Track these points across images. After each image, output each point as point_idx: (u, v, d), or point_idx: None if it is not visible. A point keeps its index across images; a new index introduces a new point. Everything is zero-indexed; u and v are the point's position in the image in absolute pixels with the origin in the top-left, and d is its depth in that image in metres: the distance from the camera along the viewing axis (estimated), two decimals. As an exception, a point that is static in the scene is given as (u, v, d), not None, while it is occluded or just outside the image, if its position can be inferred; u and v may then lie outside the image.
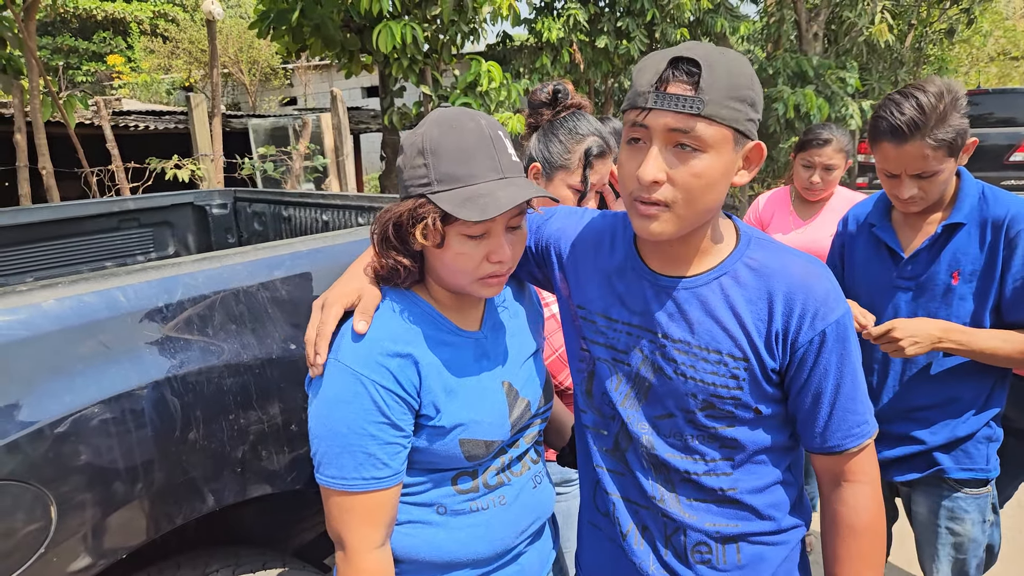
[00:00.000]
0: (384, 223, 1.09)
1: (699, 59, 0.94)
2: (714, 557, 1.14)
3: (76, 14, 16.94)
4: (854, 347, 1.06)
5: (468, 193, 1.03)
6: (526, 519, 1.22)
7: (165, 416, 1.20)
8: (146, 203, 2.94)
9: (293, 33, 6.06)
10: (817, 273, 1.06)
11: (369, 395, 1.04)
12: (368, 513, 1.07)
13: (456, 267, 1.08)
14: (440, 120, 1.08)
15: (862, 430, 1.08)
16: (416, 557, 1.14)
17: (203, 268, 1.33)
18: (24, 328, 1.10)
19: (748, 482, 1.12)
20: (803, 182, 2.67)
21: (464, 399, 1.12)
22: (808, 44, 11.08)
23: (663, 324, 1.10)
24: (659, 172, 0.96)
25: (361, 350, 1.06)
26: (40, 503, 1.06)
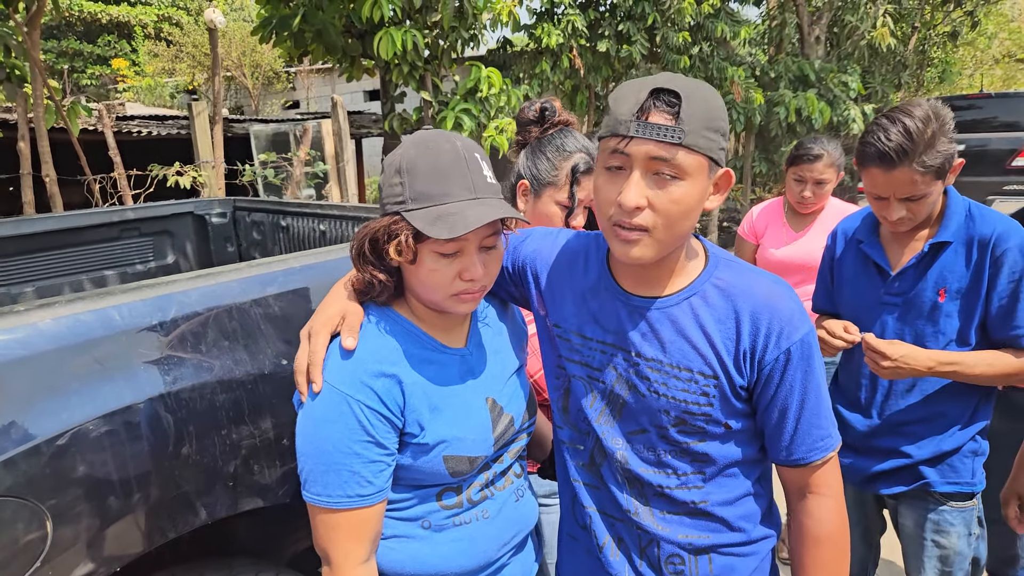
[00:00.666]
0: (361, 239, 1.13)
1: (679, 90, 0.99)
2: (687, 568, 1.18)
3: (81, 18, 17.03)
4: (818, 364, 1.10)
5: (439, 212, 1.07)
6: (508, 532, 1.25)
7: (158, 432, 1.23)
8: (147, 212, 2.98)
9: (295, 38, 6.10)
10: (781, 293, 1.10)
11: (354, 415, 1.07)
12: (353, 529, 1.09)
13: (429, 283, 1.11)
14: (418, 141, 1.13)
15: (825, 444, 1.13)
16: (400, 571, 1.17)
17: (197, 286, 1.36)
18: (22, 347, 1.13)
19: (719, 495, 1.16)
20: (795, 196, 2.69)
21: (448, 416, 1.15)
22: (810, 48, 11.09)
23: (636, 343, 1.14)
24: (641, 198, 1.00)
25: (346, 370, 1.09)
26: (36, 518, 1.09)
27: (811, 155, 2.58)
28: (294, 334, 1.46)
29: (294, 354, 1.44)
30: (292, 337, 1.46)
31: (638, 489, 1.18)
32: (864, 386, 1.81)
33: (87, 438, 1.15)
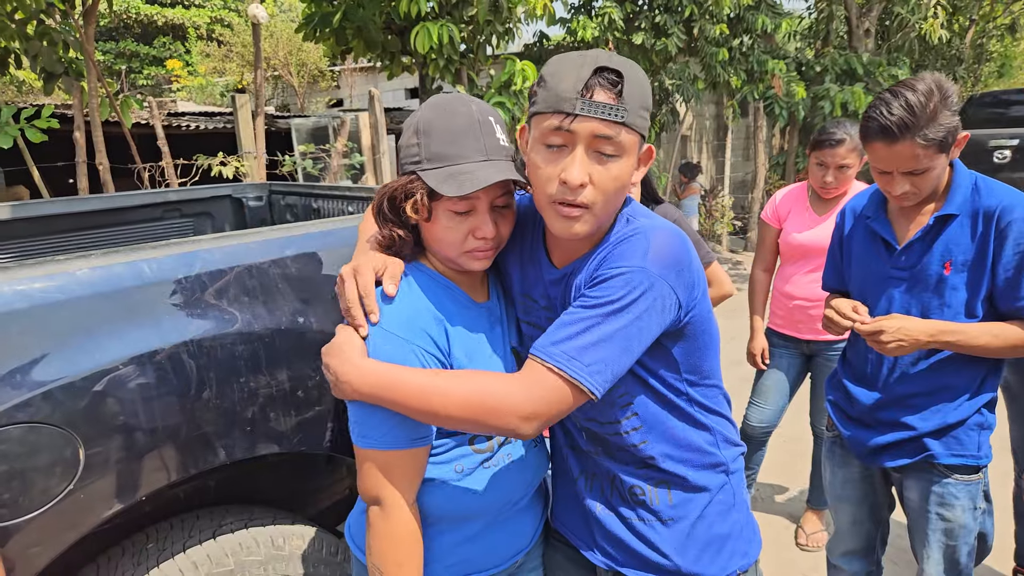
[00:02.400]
0: (381, 197, 1.20)
1: (621, 70, 1.03)
2: (647, 498, 1.25)
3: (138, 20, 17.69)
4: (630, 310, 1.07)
5: (452, 171, 1.13)
6: (531, 471, 1.33)
7: (182, 375, 1.34)
8: (188, 195, 3.14)
9: (336, 35, 6.26)
10: (636, 237, 1.11)
11: (418, 359, 1.13)
12: (408, 470, 1.16)
13: (444, 240, 1.18)
14: (435, 104, 1.19)
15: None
16: (434, 511, 1.24)
17: (220, 245, 1.47)
18: (60, 292, 1.24)
19: (657, 435, 1.23)
20: (817, 181, 2.68)
21: (481, 364, 1.23)
22: (859, 41, 10.85)
23: (561, 306, 1.21)
24: (585, 176, 1.04)
25: (403, 319, 1.15)
26: (70, 445, 1.21)
27: (833, 140, 2.57)
28: (310, 294, 1.56)
29: (309, 312, 1.56)
30: (308, 296, 1.56)
31: (591, 435, 1.28)
32: (871, 360, 1.82)
33: (117, 377, 1.26)
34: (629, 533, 1.27)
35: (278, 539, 1.56)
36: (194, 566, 1.44)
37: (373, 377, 1.07)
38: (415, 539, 1.17)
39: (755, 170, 10.62)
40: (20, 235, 2.70)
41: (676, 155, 11.11)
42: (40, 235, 2.77)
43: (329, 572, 1.62)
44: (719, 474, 1.28)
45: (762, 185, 10.45)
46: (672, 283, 1.08)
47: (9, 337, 1.18)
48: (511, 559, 1.33)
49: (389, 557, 1.15)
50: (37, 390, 1.18)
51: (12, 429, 1.16)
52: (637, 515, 1.26)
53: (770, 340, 2.98)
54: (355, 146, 6.21)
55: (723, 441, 1.29)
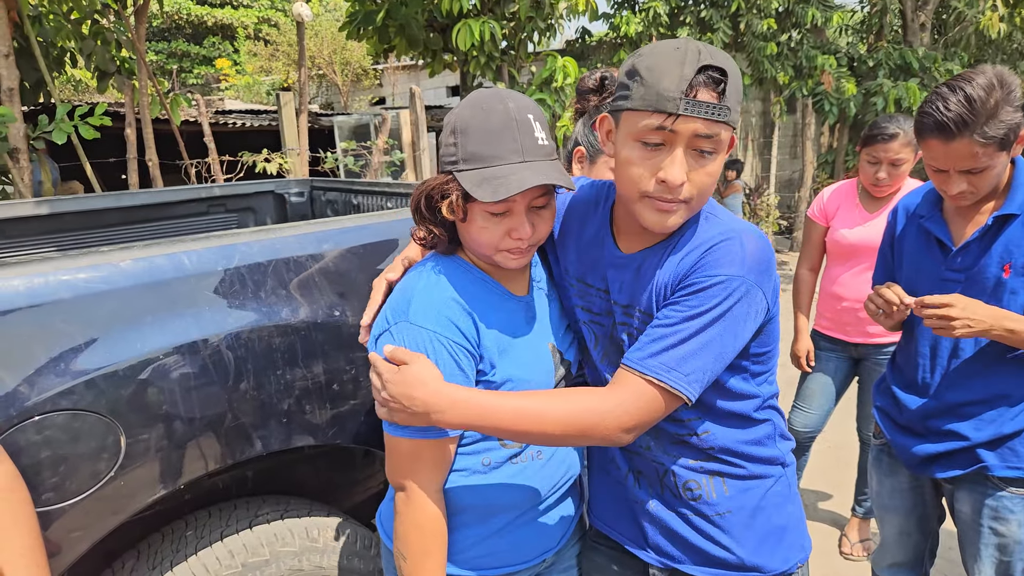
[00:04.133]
0: (418, 195, 1.19)
1: (724, 67, 1.01)
2: (704, 492, 1.23)
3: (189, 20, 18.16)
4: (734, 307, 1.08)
5: (487, 174, 1.11)
6: (558, 473, 1.31)
7: (220, 367, 1.36)
8: (232, 190, 3.19)
9: (379, 33, 6.32)
10: (731, 239, 1.11)
11: (447, 351, 1.12)
12: (437, 459, 1.17)
13: (479, 239, 1.16)
14: (473, 102, 1.17)
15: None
16: (462, 503, 1.24)
17: (259, 238, 1.48)
18: (104, 283, 1.27)
19: (720, 427, 1.21)
20: (869, 178, 2.58)
21: (515, 358, 1.21)
22: (914, 35, 10.51)
23: (619, 291, 1.20)
24: (684, 175, 1.04)
25: (431, 310, 1.14)
26: (112, 432, 1.23)
27: (886, 135, 2.46)
28: (347, 287, 1.57)
29: (346, 306, 1.56)
30: (345, 290, 1.56)
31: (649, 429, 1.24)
32: (922, 366, 1.75)
33: (157, 366, 1.28)
34: (687, 527, 1.25)
35: (313, 531, 1.57)
36: (230, 554, 1.46)
37: (465, 407, 1.06)
38: (439, 527, 1.17)
39: (803, 168, 10.39)
40: (72, 228, 2.79)
41: (720, 153, 10.91)
42: (91, 228, 2.86)
43: (363, 565, 1.63)
44: (775, 466, 1.26)
45: (809, 184, 10.21)
46: (764, 288, 1.10)
47: (54, 326, 1.21)
48: (539, 556, 1.32)
49: (413, 544, 1.16)
50: (80, 378, 1.21)
51: (56, 416, 1.18)
52: (693, 510, 1.24)
53: (816, 343, 2.89)
54: (396, 143, 6.26)
55: (779, 435, 1.28)
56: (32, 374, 1.17)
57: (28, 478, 1.10)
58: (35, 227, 2.69)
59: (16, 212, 2.63)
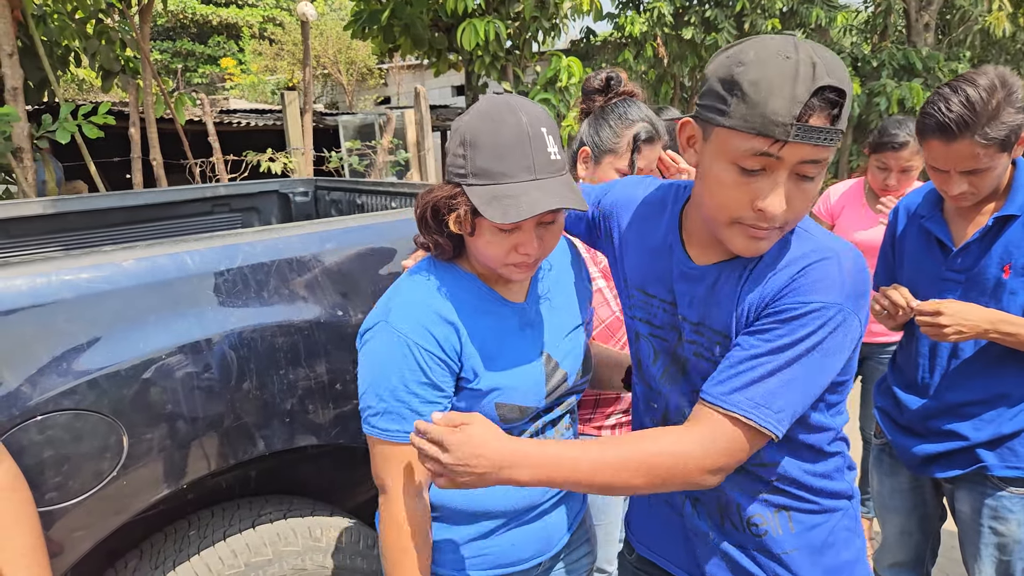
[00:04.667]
0: (424, 205, 1.16)
1: (842, 86, 0.89)
2: (770, 528, 1.14)
3: (194, 20, 18.19)
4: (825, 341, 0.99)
5: (497, 192, 1.07)
6: None
7: (223, 366, 1.36)
8: (236, 190, 3.20)
9: (384, 33, 6.33)
10: (828, 260, 1.01)
11: (414, 357, 1.12)
12: (407, 463, 1.16)
13: (486, 253, 1.14)
14: (483, 112, 1.12)
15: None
16: (451, 505, 1.24)
17: (262, 238, 1.48)
18: (106, 283, 1.27)
19: (789, 457, 1.11)
20: (878, 183, 2.55)
21: (503, 365, 1.19)
22: (917, 35, 10.48)
23: (684, 306, 1.12)
24: (784, 203, 0.94)
25: (409, 315, 1.14)
26: (114, 432, 1.23)
27: (896, 143, 2.43)
28: (349, 287, 1.57)
29: (349, 306, 1.56)
30: (347, 290, 1.56)
31: None
32: (922, 366, 1.74)
33: (159, 366, 1.28)
34: (751, 562, 1.15)
35: (315, 530, 1.57)
36: (233, 554, 1.46)
37: (538, 460, 0.99)
38: (418, 528, 1.17)
39: (806, 168, 10.33)
40: (76, 228, 2.79)
41: (724, 153, 10.88)
42: (95, 228, 2.86)
43: (365, 564, 1.62)
44: (843, 500, 1.17)
45: (813, 184, 10.17)
46: (861, 315, 0.99)
47: (56, 325, 1.21)
48: (533, 560, 1.31)
49: (392, 543, 1.16)
50: (82, 378, 1.21)
51: (58, 415, 1.19)
52: (757, 545, 1.15)
53: (819, 342, 2.87)
54: (400, 143, 6.27)
55: (847, 467, 1.20)
56: (34, 374, 1.18)
57: (31, 477, 1.10)
58: (39, 227, 2.70)
59: (20, 212, 2.64)
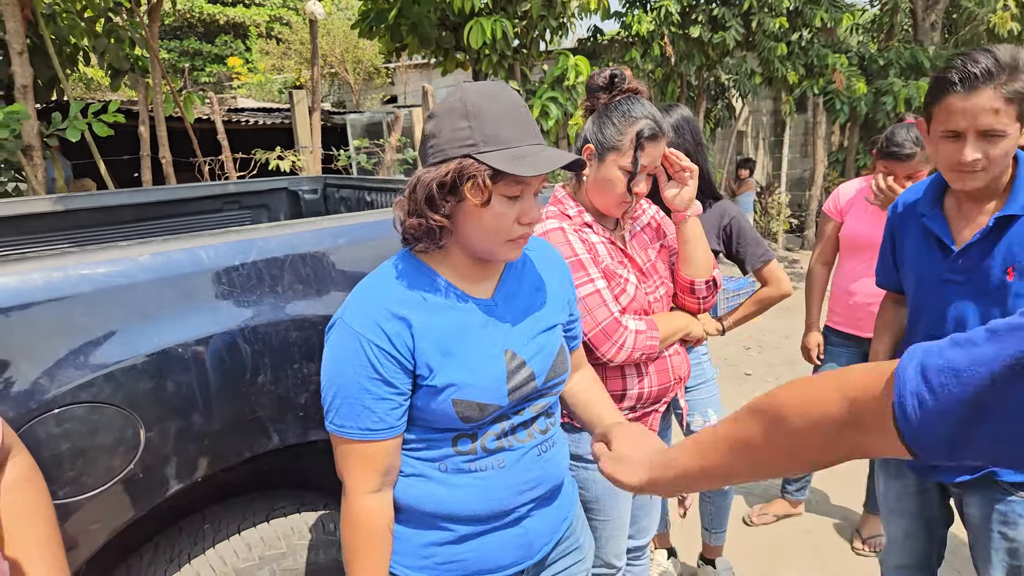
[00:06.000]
0: (427, 184, 1.14)
1: None
2: None
3: (201, 19, 18.22)
4: None
5: (515, 153, 1.12)
6: (527, 482, 1.27)
7: (238, 361, 1.36)
8: (246, 187, 3.21)
9: (391, 32, 6.33)
10: None
11: (365, 353, 1.14)
12: (364, 460, 1.17)
13: (493, 227, 1.15)
14: (479, 89, 1.16)
15: None
16: (418, 507, 1.24)
17: (276, 233, 1.49)
18: (123, 277, 1.28)
19: None
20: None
21: (459, 361, 1.19)
22: (924, 34, 10.44)
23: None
24: None
25: (362, 311, 1.17)
26: (131, 425, 1.24)
27: (902, 154, 2.43)
28: (362, 282, 1.57)
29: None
30: (360, 285, 1.56)
31: None
32: None
33: (176, 360, 1.29)
34: None
35: (329, 524, 1.58)
36: (248, 547, 1.46)
37: (692, 479, 0.97)
38: (372, 527, 1.18)
39: (813, 167, 10.34)
40: (88, 224, 2.81)
41: (731, 151, 10.88)
42: (106, 225, 2.87)
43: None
44: None
45: (820, 183, 10.17)
46: None
47: (73, 319, 1.22)
48: (513, 567, 1.29)
49: (348, 540, 1.19)
50: (100, 371, 1.21)
51: (76, 408, 1.19)
52: None
53: (828, 338, 2.89)
54: (408, 141, 6.27)
55: None
56: (52, 367, 1.18)
57: (47, 470, 1.11)
58: (51, 223, 2.71)
59: (33, 208, 2.65)
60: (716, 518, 2.62)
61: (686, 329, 1.82)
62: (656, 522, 2.08)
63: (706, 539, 2.70)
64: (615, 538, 1.84)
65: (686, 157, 1.78)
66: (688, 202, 1.77)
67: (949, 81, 1.48)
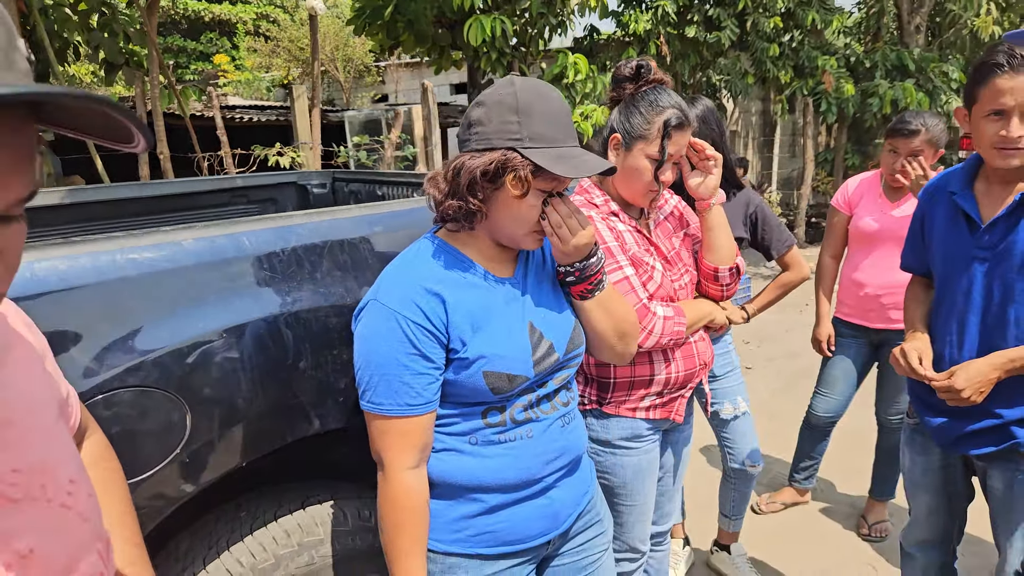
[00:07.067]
0: (472, 171, 1.20)
1: None
2: None
3: (186, 16, 18.05)
4: None
5: (557, 153, 1.19)
6: (552, 451, 1.33)
7: (280, 346, 1.37)
8: (253, 181, 3.19)
9: (387, 29, 6.33)
10: None
11: (402, 329, 1.19)
12: (402, 436, 1.21)
13: (522, 217, 1.24)
14: (528, 86, 1.23)
15: None
16: (450, 481, 1.28)
17: (314, 220, 1.49)
18: (168, 262, 1.27)
19: None
20: (888, 168, 2.67)
21: (488, 334, 1.25)
22: (909, 36, 10.60)
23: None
24: None
25: (396, 291, 1.21)
26: (178, 409, 1.24)
27: (907, 130, 2.56)
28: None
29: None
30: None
31: None
32: (950, 342, 1.77)
33: (221, 344, 1.29)
34: None
35: (364, 511, 1.58)
36: (286, 534, 1.47)
37: None
38: (413, 503, 1.21)
39: (802, 166, 10.45)
40: (95, 217, 2.78)
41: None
42: (112, 218, 2.85)
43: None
44: None
45: (809, 181, 10.28)
46: None
47: (121, 302, 1.21)
48: (541, 537, 1.34)
49: (387, 518, 1.22)
50: (147, 355, 1.21)
51: (123, 392, 1.19)
52: None
53: (838, 330, 2.94)
54: (408, 138, 6.27)
55: None
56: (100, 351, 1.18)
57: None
58: (60, 216, 2.68)
59: (41, 201, 2.62)
60: (738, 504, 2.64)
61: (711, 315, 1.84)
62: (678, 508, 2.10)
63: (724, 525, 2.72)
64: (640, 523, 1.86)
65: (711, 147, 1.81)
66: (712, 190, 1.79)
67: (997, 64, 1.57)
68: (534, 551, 1.36)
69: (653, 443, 1.81)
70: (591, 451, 1.77)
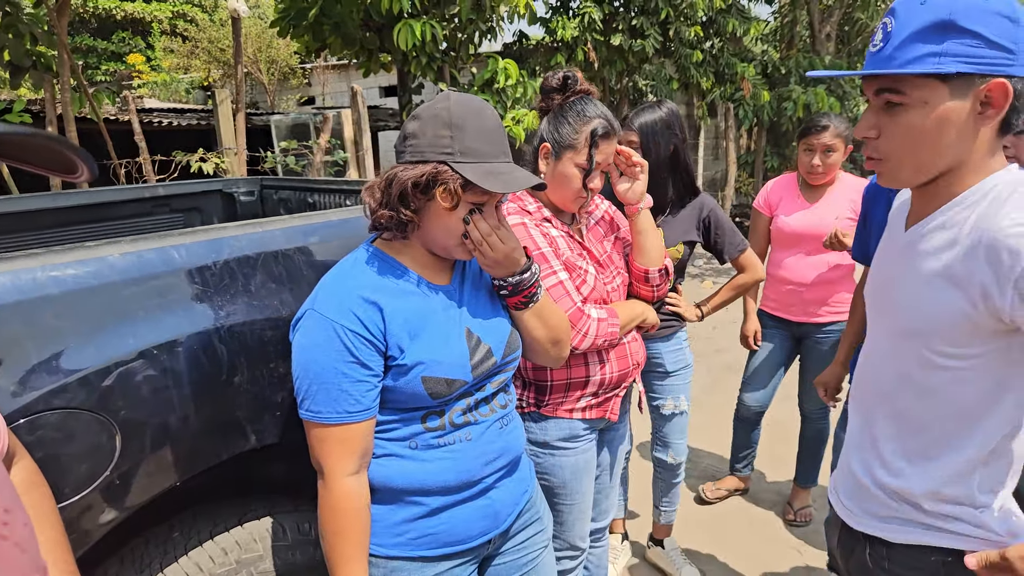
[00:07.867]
0: (403, 182, 1.23)
1: None
2: None
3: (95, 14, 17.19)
4: None
5: (488, 169, 1.23)
6: (491, 452, 1.37)
7: (213, 361, 1.34)
8: (176, 190, 3.09)
9: (313, 31, 6.21)
10: None
11: (340, 339, 1.20)
12: (342, 443, 1.22)
13: (452, 229, 1.27)
14: (464, 102, 1.27)
15: None
16: (392, 485, 1.29)
17: (247, 232, 1.47)
18: (93, 278, 1.23)
19: None
20: (806, 166, 2.83)
21: (426, 341, 1.27)
22: (821, 44, 11.15)
23: None
24: None
25: (334, 300, 1.23)
26: (107, 431, 1.20)
27: (819, 126, 2.75)
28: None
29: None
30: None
31: None
32: None
33: (151, 362, 1.25)
34: None
35: (303, 524, 1.56)
36: (223, 552, 1.44)
37: None
38: (353, 510, 1.22)
39: (725, 168, 10.82)
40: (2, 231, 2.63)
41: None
42: (21, 232, 2.70)
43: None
44: None
45: (732, 183, 10.66)
46: None
47: (43, 322, 1.16)
48: (481, 537, 1.37)
49: (328, 525, 1.22)
50: (73, 376, 1.17)
51: (49, 415, 1.14)
52: None
53: (763, 321, 3.10)
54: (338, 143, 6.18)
55: None
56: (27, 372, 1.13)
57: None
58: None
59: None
60: (665, 494, 2.72)
61: (643, 316, 1.90)
62: (615, 504, 2.16)
63: (656, 517, 2.79)
64: (580, 521, 1.90)
65: (637, 153, 1.87)
66: (640, 195, 1.85)
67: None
68: (475, 551, 1.38)
69: (590, 442, 1.85)
70: (530, 453, 1.80)
